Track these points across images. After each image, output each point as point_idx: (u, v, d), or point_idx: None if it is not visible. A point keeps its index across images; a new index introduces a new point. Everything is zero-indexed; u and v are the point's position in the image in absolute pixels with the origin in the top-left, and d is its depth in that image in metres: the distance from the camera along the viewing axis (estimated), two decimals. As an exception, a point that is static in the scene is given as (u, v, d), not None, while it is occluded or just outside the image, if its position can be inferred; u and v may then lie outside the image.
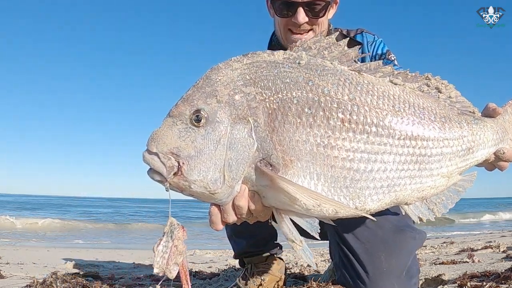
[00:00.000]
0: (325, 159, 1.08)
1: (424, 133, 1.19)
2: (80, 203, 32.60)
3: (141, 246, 7.34)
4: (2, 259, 3.66)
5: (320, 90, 1.10)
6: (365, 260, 1.51)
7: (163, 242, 1.03)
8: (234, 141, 1.05)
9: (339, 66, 1.17)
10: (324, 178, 1.09)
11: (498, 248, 3.60)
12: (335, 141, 1.08)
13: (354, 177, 1.11)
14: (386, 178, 1.14)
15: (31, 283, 1.81)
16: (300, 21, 1.62)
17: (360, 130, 1.11)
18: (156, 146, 1.05)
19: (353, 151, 1.10)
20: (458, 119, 1.27)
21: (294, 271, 2.88)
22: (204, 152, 1.04)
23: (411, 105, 1.19)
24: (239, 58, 1.14)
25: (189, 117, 1.06)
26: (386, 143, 1.13)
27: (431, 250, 4.11)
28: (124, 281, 2.51)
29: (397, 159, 1.15)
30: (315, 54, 1.17)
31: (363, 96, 1.14)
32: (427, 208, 1.25)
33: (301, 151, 1.07)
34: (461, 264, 2.72)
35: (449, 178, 1.26)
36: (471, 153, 1.28)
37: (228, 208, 1.11)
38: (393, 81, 1.21)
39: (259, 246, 2.04)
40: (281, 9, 1.67)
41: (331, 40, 1.18)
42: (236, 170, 1.05)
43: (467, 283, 1.89)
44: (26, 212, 16.96)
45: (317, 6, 1.63)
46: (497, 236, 6.35)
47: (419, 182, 1.20)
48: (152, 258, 1.02)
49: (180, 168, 1.04)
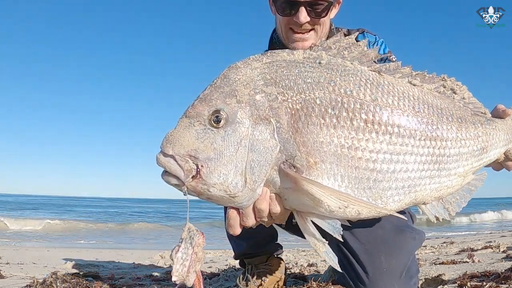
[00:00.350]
0: (349, 160, 1.06)
1: (443, 134, 1.19)
2: (80, 203, 32.59)
3: (141, 246, 7.28)
4: (2, 259, 3.61)
5: (342, 91, 1.08)
6: (365, 261, 1.49)
7: (182, 249, 0.97)
8: (256, 143, 1.00)
9: (359, 67, 1.15)
10: (348, 179, 1.07)
11: (498, 248, 3.58)
12: (358, 142, 1.07)
13: (377, 178, 1.10)
14: (407, 178, 1.14)
15: (31, 283, 1.77)
16: (301, 21, 1.58)
17: (383, 131, 1.09)
18: (172, 148, 0.99)
19: (376, 152, 1.09)
20: (472, 120, 1.29)
21: (294, 271, 2.86)
22: (225, 154, 0.99)
23: (429, 106, 1.20)
24: (258, 57, 1.10)
25: (208, 117, 1.00)
26: (407, 144, 1.13)
27: (431, 250, 4.09)
28: (124, 281, 2.49)
29: (418, 159, 1.15)
30: (335, 54, 1.14)
31: (384, 97, 1.12)
32: (443, 207, 1.27)
33: (326, 153, 1.05)
34: (461, 264, 2.70)
35: (464, 178, 1.27)
36: (485, 153, 1.30)
37: (248, 211, 1.06)
38: (411, 82, 1.21)
39: (260, 247, 2.02)
40: (283, 8, 1.62)
41: (350, 40, 1.16)
42: (258, 173, 1.00)
43: (467, 283, 1.87)
44: (26, 212, 16.96)
45: (320, 6, 1.59)
46: (497, 236, 6.35)
47: (438, 182, 1.20)
48: (152, 259, 1.00)
49: (199, 171, 0.98)
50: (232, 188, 0.99)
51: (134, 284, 2.34)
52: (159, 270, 3.23)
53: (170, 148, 0.99)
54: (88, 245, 7.50)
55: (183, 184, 0.99)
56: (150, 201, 43.20)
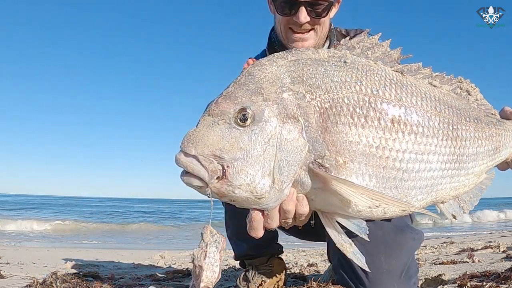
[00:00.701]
0: (377, 159, 1.05)
1: (462, 134, 1.21)
2: (79, 203, 32.61)
3: (141, 246, 7.22)
4: (2, 259, 3.55)
5: (369, 90, 1.07)
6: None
7: (209, 253, 0.91)
8: (284, 142, 0.96)
9: (383, 67, 1.15)
10: (376, 179, 1.06)
11: (498, 248, 3.56)
12: (386, 141, 1.06)
13: (403, 177, 1.09)
14: (430, 177, 1.14)
15: (31, 283, 1.74)
16: (302, 21, 1.54)
17: (408, 131, 1.09)
18: (195, 148, 0.93)
19: (402, 152, 1.08)
20: (486, 121, 1.31)
21: (294, 271, 2.85)
22: (252, 154, 0.93)
23: (449, 106, 1.21)
24: (283, 55, 1.07)
25: (234, 116, 0.95)
26: (431, 144, 1.13)
27: (431, 250, 4.08)
28: (124, 281, 2.45)
29: (441, 158, 1.16)
30: (359, 53, 1.13)
31: (408, 97, 1.13)
32: (459, 206, 1.29)
33: (355, 152, 1.03)
34: (461, 264, 2.69)
35: (479, 177, 1.30)
36: (497, 152, 1.33)
37: (274, 213, 1.02)
38: (431, 83, 1.22)
39: (261, 249, 1.98)
40: (283, 8, 1.58)
41: (374, 41, 1.17)
42: (287, 173, 0.96)
43: (467, 283, 1.85)
44: (26, 213, 16.96)
45: (320, 6, 1.56)
46: (497, 236, 6.33)
47: (457, 181, 1.22)
48: (152, 259, 0.98)
49: (225, 172, 0.93)
50: (259, 189, 0.94)
51: (134, 284, 2.32)
52: (159, 270, 3.21)
53: (193, 147, 0.93)
54: (88, 245, 7.44)
55: (206, 185, 0.94)
56: (150, 201, 43.24)
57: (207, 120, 0.97)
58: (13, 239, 7.93)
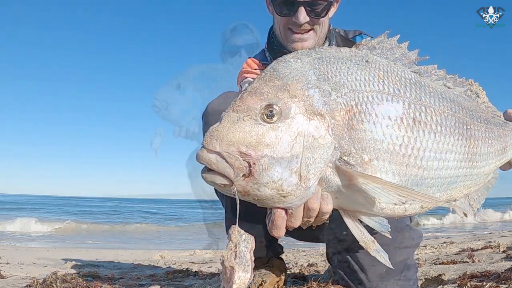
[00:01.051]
0: (401, 157, 1.06)
1: (475, 134, 1.25)
2: (80, 203, 32.60)
3: (141, 246, 7.19)
4: (2, 259, 3.49)
5: (392, 90, 1.09)
6: (365, 262, 1.50)
7: (239, 253, 0.89)
8: (311, 139, 0.95)
9: (402, 67, 1.17)
10: (399, 176, 1.06)
11: (498, 248, 3.53)
12: (408, 140, 1.07)
13: (424, 175, 1.10)
14: (447, 175, 1.16)
15: (31, 283, 1.72)
16: (301, 21, 1.53)
17: (428, 130, 1.11)
18: (219, 144, 0.90)
19: (423, 150, 1.09)
20: (494, 121, 1.35)
21: (294, 271, 2.83)
22: (279, 151, 0.91)
23: (463, 107, 1.24)
24: (308, 52, 1.07)
25: (260, 112, 0.93)
26: (448, 143, 1.15)
27: (431, 250, 4.07)
28: (124, 281, 2.43)
29: (457, 157, 1.18)
30: (379, 54, 1.15)
31: (427, 97, 1.14)
32: (468, 204, 1.31)
33: (380, 150, 1.03)
34: (461, 264, 2.67)
35: (487, 176, 1.33)
36: (504, 152, 1.37)
37: (298, 211, 1.00)
38: (445, 85, 1.25)
39: (261, 250, 1.99)
40: (281, 8, 1.56)
41: (393, 42, 1.18)
42: (313, 170, 0.95)
43: (467, 283, 1.85)
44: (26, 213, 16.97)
45: (319, 6, 1.55)
46: (497, 236, 6.32)
47: (470, 180, 1.25)
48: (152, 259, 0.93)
49: (251, 169, 0.90)
50: (286, 187, 0.92)
51: (134, 284, 2.31)
52: (159, 270, 3.20)
53: (217, 144, 0.90)
54: (88, 245, 7.39)
55: (231, 183, 0.91)
56: (150, 201, 43.20)
57: (232, 116, 0.94)
58: (13, 239, 7.89)
